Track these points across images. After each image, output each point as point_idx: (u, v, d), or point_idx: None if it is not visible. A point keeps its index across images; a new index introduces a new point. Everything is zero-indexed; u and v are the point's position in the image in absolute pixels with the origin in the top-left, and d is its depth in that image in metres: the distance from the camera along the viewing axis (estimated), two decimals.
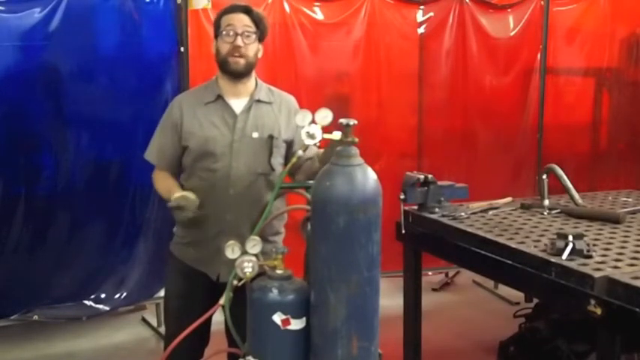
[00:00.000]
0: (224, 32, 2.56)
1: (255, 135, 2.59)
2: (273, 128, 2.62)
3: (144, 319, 4.49)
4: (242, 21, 2.56)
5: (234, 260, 2.00)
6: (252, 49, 2.58)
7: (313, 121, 2.15)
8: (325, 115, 2.14)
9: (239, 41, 2.54)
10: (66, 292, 3.92)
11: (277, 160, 2.63)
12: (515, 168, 5.11)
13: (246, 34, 2.55)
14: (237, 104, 2.62)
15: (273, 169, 2.61)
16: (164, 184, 2.66)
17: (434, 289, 5.11)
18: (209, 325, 2.58)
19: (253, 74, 2.67)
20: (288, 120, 2.64)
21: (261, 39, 2.62)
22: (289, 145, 2.66)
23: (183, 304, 2.65)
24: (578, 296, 2.31)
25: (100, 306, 4.01)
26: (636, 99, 5.27)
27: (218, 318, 2.21)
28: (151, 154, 2.73)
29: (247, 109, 2.62)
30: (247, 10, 2.58)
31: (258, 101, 2.64)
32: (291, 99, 2.74)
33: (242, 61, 2.57)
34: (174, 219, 2.72)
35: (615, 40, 5.22)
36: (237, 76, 2.60)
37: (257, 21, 2.58)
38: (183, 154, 2.65)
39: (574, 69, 5.26)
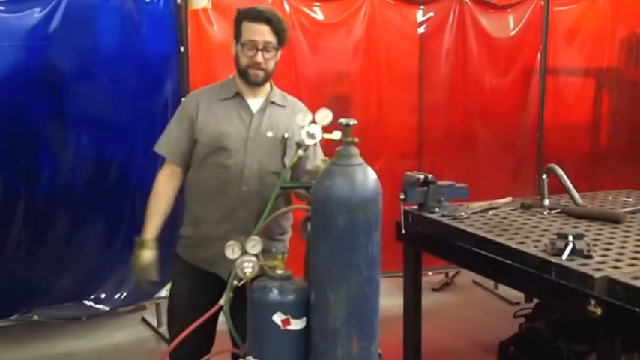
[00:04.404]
0: (245, 46, 2.53)
1: (269, 134, 2.59)
2: (287, 130, 2.61)
3: (144, 319, 4.49)
4: (263, 35, 2.51)
5: (235, 260, 2.01)
6: (272, 61, 2.57)
7: (313, 121, 2.15)
8: (325, 115, 2.15)
9: (259, 57, 2.52)
10: (66, 292, 3.91)
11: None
12: (515, 168, 5.10)
13: (267, 48, 2.52)
14: (254, 103, 2.63)
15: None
16: (156, 207, 2.69)
17: (434, 289, 5.11)
18: (215, 324, 2.58)
19: None
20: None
21: (282, 45, 2.58)
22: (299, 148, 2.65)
23: (190, 305, 2.61)
24: (578, 296, 2.31)
25: (100, 306, 4.01)
26: (636, 99, 5.27)
27: (223, 317, 2.20)
28: (164, 147, 2.68)
29: (263, 109, 2.62)
30: (269, 20, 2.52)
31: (273, 103, 2.65)
32: (302, 105, 2.75)
33: (262, 73, 2.56)
34: (177, 220, 2.71)
35: (615, 40, 5.22)
36: (255, 85, 2.61)
37: (278, 31, 2.53)
38: (194, 150, 2.63)
39: (574, 69, 5.26)
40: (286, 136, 2.60)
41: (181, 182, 2.71)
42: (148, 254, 2.62)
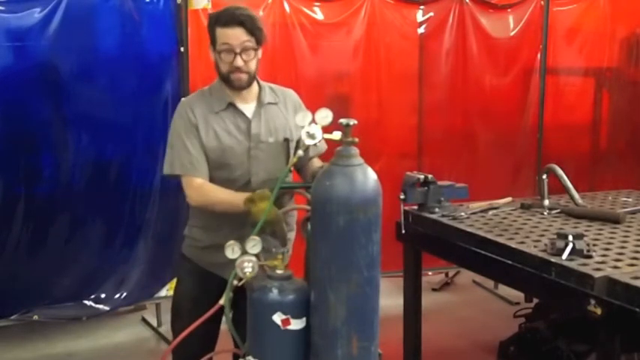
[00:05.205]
0: (221, 52, 2.47)
1: (271, 140, 2.55)
2: (285, 130, 2.58)
3: (144, 319, 4.49)
4: (238, 38, 2.44)
5: (234, 260, 2.01)
6: (253, 62, 2.51)
7: (313, 121, 2.15)
8: (325, 115, 2.14)
9: (239, 61, 2.46)
10: (66, 292, 3.91)
11: None
12: (515, 168, 5.11)
13: (245, 50, 2.47)
14: (247, 108, 2.58)
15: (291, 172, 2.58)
16: (222, 192, 2.48)
17: (434, 289, 5.11)
18: (218, 324, 2.58)
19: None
20: (294, 114, 2.62)
21: (260, 44, 2.52)
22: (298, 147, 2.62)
23: (195, 306, 2.56)
24: (578, 296, 2.30)
25: (100, 306, 4.01)
26: (636, 99, 5.27)
27: None
28: (180, 163, 2.51)
29: (258, 113, 2.58)
30: (242, 22, 2.45)
31: (267, 104, 2.61)
32: (292, 93, 2.71)
33: (244, 76, 2.50)
34: (177, 220, 2.69)
35: (615, 40, 5.22)
36: (239, 89, 2.56)
37: (253, 30, 2.46)
38: None
39: (574, 69, 5.26)
40: (287, 138, 2.56)
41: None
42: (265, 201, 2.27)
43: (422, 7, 4.69)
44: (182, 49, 3.97)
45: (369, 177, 1.88)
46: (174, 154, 2.54)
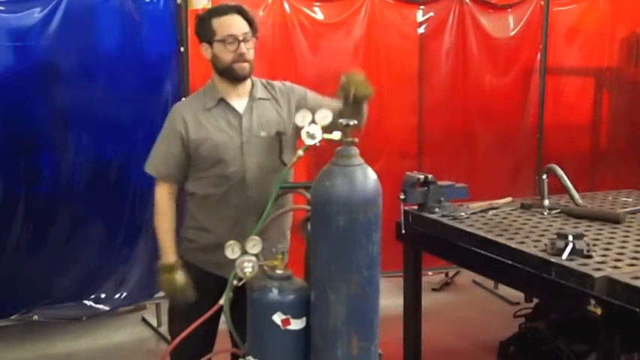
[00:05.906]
0: (225, 41, 2.51)
1: (262, 134, 2.57)
2: (279, 124, 2.59)
3: (144, 319, 4.49)
4: (241, 28, 2.52)
5: (234, 260, 2.01)
6: (252, 51, 2.56)
7: (313, 121, 2.15)
8: (325, 115, 2.15)
9: (243, 48, 2.51)
10: (66, 292, 3.91)
11: (288, 157, 2.57)
12: (515, 168, 5.11)
13: (247, 38, 2.52)
14: (239, 104, 2.60)
15: (285, 166, 2.58)
16: (165, 226, 2.61)
17: (434, 289, 5.11)
18: (216, 325, 2.58)
19: None
20: (289, 108, 2.62)
21: (255, 34, 2.58)
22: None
23: (192, 308, 2.57)
24: (578, 296, 2.31)
25: (100, 306, 4.01)
26: (636, 99, 5.27)
27: (224, 317, 2.20)
28: (153, 168, 2.63)
29: (250, 108, 2.59)
30: (240, 11, 2.54)
31: (258, 99, 2.62)
32: (281, 84, 2.71)
33: (247, 65, 2.54)
34: (177, 219, 2.68)
35: (615, 40, 5.22)
36: (243, 79, 2.58)
37: (250, 20, 2.55)
38: (191, 164, 2.59)
39: (574, 69, 5.27)
40: (279, 131, 2.57)
41: (178, 196, 2.67)
42: (180, 277, 2.55)
43: (422, 7, 4.69)
44: (182, 49, 3.97)
45: (369, 177, 1.88)
46: (152, 155, 2.65)
